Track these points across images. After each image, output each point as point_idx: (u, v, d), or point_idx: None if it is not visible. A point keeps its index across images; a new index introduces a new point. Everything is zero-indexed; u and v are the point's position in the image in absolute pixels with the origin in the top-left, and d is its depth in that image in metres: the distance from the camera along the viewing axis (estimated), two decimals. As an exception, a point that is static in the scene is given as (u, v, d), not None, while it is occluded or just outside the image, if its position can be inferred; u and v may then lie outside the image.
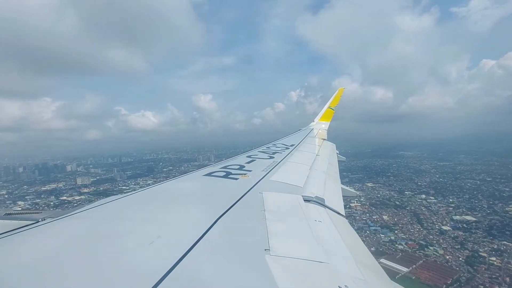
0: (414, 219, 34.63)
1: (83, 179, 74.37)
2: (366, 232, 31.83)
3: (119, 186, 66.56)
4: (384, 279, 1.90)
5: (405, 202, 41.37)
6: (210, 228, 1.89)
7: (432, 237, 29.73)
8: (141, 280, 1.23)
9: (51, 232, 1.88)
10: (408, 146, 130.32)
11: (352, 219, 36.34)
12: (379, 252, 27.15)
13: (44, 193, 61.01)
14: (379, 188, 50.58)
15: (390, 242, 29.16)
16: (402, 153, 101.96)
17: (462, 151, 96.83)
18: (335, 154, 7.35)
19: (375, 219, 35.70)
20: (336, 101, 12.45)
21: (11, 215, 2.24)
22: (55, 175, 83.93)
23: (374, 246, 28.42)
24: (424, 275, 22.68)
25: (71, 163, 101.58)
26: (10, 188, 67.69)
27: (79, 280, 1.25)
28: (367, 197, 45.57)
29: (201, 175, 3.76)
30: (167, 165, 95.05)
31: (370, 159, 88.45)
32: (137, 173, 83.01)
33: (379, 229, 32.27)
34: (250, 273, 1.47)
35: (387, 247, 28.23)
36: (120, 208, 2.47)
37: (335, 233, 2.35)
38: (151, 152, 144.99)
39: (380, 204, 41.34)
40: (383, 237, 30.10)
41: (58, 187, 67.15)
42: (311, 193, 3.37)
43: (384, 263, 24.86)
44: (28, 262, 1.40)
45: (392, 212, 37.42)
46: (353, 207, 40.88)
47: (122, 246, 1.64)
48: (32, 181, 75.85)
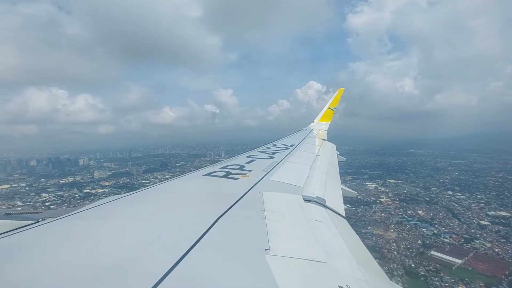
0: (449, 214, 35.24)
1: (100, 172, 74.30)
2: (406, 226, 32.45)
3: (138, 180, 66.66)
4: (385, 279, 1.91)
5: (434, 198, 41.97)
6: (210, 228, 1.89)
7: (473, 231, 30.40)
8: (142, 280, 1.24)
9: (51, 232, 1.87)
10: (416, 144, 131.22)
11: (387, 213, 37.05)
12: (426, 245, 27.82)
13: (64, 186, 61.04)
14: (402, 185, 51.17)
15: (434, 236, 29.77)
16: (412, 151, 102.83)
17: (473, 149, 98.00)
18: (335, 154, 7.37)
19: (411, 213, 36.30)
20: (336, 101, 12.50)
21: (11, 215, 2.24)
22: (69, 169, 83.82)
23: (419, 239, 29.05)
24: (480, 267, 23.30)
25: (83, 157, 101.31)
26: (27, 180, 67.53)
27: (80, 280, 1.25)
28: (393, 192, 46.19)
29: (201, 175, 3.75)
30: (179, 160, 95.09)
31: (382, 156, 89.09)
32: (151, 168, 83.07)
33: (418, 223, 32.87)
34: (250, 273, 1.46)
35: (432, 240, 28.82)
36: (120, 208, 2.47)
37: (336, 234, 2.33)
38: (157, 147, 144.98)
39: (410, 200, 41.96)
40: (425, 231, 30.68)
41: (76, 180, 67.25)
42: (311, 193, 3.36)
43: (435, 255, 25.53)
44: (29, 262, 1.40)
45: (425, 208, 38.04)
46: (384, 202, 41.58)
47: (122, 245, 1.64)
48: (48, 174, 75.71)
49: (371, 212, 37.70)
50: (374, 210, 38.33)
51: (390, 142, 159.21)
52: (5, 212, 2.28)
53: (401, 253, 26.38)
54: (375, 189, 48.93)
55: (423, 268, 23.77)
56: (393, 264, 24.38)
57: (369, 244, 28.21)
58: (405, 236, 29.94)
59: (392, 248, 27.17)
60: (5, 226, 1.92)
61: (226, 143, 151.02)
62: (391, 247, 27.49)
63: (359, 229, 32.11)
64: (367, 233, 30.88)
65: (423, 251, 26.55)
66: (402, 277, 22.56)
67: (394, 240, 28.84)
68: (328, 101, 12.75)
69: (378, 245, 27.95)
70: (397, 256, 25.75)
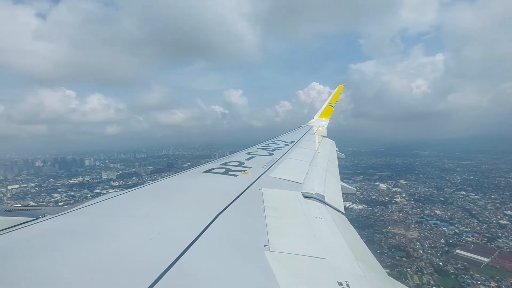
0: (466, 214, 35.50)
1: (108, 173, 74.21)
2: (426, 225, 32.66)
3: (147, 180, 66.35)
4: (384, 276, 1.92)
5: (448, 198, 42.24)
6: (210, 225, 1.90)
7: (494, 230, 30.66)
8: (142, 276, 1.24)
9: (51, 228, 1.88)
10: (420, 145, 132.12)
11: (404, 213, 37.28)
12: (450, 244, 28.04)
13: (74, 186, 60.91)
14: (413, 185, 51.49)
15: (456, 235, 29.99)
16: (417, 152, 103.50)
17: (478, 150, 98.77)
18: (334, 151, 7.38)
19: (428, 213, 36.54)
20: (336, 98, 12.49)
21: (11, 211, 2.24)
22: (75, 169, 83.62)
23: (442, 238, 29.26)
24: (508, 265, 23.53)
25: (88, 158, 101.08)
26: (35, 181, 67.31)
27: (79, 276, 1.25)
28: (407, 193, 46.48)
29: (200, 172, 3.76)
30: (184, 161, 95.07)
31: (388, 157, 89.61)
32: (158, 168, 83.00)
33: (438, 222, 33.10)
34: (249, 269, 1.47)
35: (455, 239, 29.04)
36: (120, 204, 2.46)
37: (335, 230, 2.34)
38: (160, 148, 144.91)
39: (425, 200, 42.24)
40: (446, 230, 30.90)
41: (85, 180, 67.10)
42: (311, 190, 3.36)
43: (461, 254, 25.74)
44: (28, 259, 1.40)
45: (441, 207, 38.31)
46: (399, 202, 41.85)
47: (122, 242, 1.64)
48: (55, 175, 75.50)
49: (389, 212, 37.91)
50: (391, 210, 38.55)
51: (393, 143, 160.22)
52: (5, 209, 2.29)
53: (427, 251, 26.57)
54: (387, 189, 49.19)
55: (451, 266, 23.98)
56: (421, 263, 24.55)
57: (393, 243, 28.44)
58: (427, 235, 30.14)
59: (417, 247, 27.36)
60: (6, 223, 1.94)
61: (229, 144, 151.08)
62: (415, 246, 27.67)
63: (380, 229, 32.37)
64: (389, 232, 31.06)
65: (448, 250, 26.75)
66: (433, 275, 22.75)
67: (417, 239, 29.04)
68: (328, 98, 12.76)
69: (402, 244, 28.10)
70: (423, 254, 25.94)
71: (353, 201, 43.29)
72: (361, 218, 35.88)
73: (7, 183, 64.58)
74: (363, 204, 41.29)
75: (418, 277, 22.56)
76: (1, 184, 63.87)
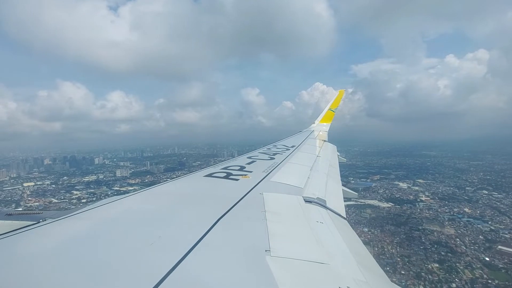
0: (495, 212, 36.06)
1: (122, 171, 73.96)
2: (460, 222, 33.16)
3: (162, 179, 66.51)
4: (385, 280, 1.91)
5: (472, 197, 42.86)
6: (211, 229, 1.90)
7: (529, 227, 31.30)
8: (142, 281, 1.25)
9: (52, 232, 1.89)
10: (426, 146, 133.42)
11: (434, 211, 37.78)
12: (489, 240, 28.55)
13: (90, 184, 60.64)
14: (433, 184, 52.12)
15: (492, 232, 30.50)
16: (424, 152, 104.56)
17: (486, 151, 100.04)
18: (336, 155, 7.38)
19: (457, 211, 37.09)
20: (337, 103, 12.57)
21: (12, 215, 2.26)
22: (86, 167, 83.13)
23: (480, 234, 29.76)
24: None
25: (97, 156, 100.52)
26: (49, 178, 66.84)
27: (80, 280, 1.25)
28: (429, 191, 47.06)
29: (201, 176, 3.76)
30: (194, 160, 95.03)
31: (397, 157, 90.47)
32: (170, 167, 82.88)
33: (471, 220, 33.64)
34: (250, 274, 1.46)
35: (493, 236, 29.57)
36: (121, 208, 2.49)
37: (337, 235, 2.33)
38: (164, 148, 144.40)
39: (449, 198, 42.81)
40: (481, 228, 31.44)
41: (99, 178, 66.78)
42: (312, 194, 3.35)
43: (504, 249, 26.23)
44: (29, 263, 1.41)
45: (468, 206, 38.87)
46: (425, 200, 42.41)
47: (123, 246, 1.66)
48: (67, 172, 75.06)
49: (418, 210, 38.39)
50: (419, 208, 39.03)
51: (397, 144, 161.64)
52: (6, 213, 2.32)
53: (469, 247, 27.04)
54: (408, 188, 49.75)
55: (498, 261, 24.46)
56: (467, 258, 24.98)
57: (433, 239, 28.88)
58: (464, 232, 30.61)
59: (458, 243, 27.82)
60: (6, 227, 1.94)
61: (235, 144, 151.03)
62: (456, 242, 28.13)
63: (416, 226, 32.77)
64: (425, 229, 31.49)
65: (490, 246, 27.24)
66: (483, 269, 23.17)
67: (456, 236, 29.49)
68: (328, 103, 12.86)
69: (442, 240, 28.58)
70: (467, 250, 26.39)
71: (378, 199, 43.90)
72: (393, 216, 36.35)
73: (21, 180, 64.12)
74: (390, 203, 41.78)
75: (469, 271, 22.98)
76: (16, 181, 63.35)
